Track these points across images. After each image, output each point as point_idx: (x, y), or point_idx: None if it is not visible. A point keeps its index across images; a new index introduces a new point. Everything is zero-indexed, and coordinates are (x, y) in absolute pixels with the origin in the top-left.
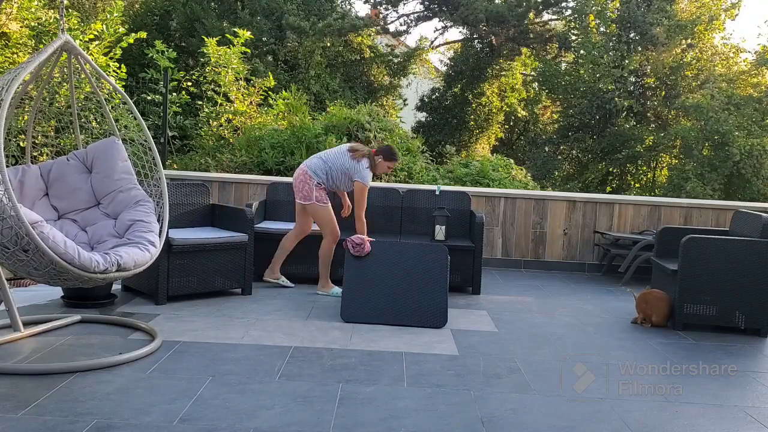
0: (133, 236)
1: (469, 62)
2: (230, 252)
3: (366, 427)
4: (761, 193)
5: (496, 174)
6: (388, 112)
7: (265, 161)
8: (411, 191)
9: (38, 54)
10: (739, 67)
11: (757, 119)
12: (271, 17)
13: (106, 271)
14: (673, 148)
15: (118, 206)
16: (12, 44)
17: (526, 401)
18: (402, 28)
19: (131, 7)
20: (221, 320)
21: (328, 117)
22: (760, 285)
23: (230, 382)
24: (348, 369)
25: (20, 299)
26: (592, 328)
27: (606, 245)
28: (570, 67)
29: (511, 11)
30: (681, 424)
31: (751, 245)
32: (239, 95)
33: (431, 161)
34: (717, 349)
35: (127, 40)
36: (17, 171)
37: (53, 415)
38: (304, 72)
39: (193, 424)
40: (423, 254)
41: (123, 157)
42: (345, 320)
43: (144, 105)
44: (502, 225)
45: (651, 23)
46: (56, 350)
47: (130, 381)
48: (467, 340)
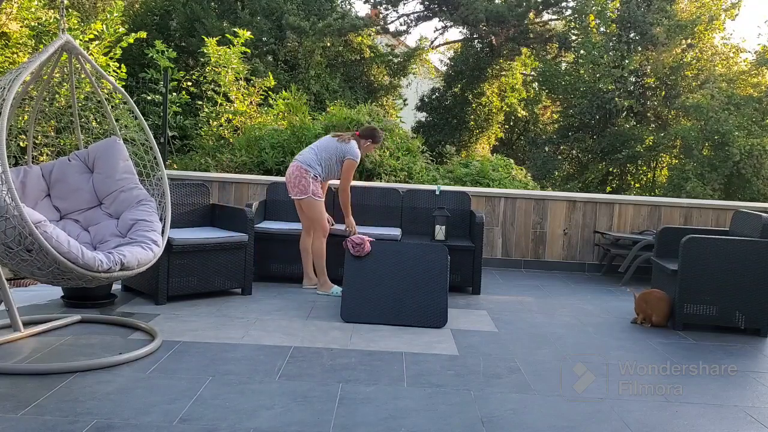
0: (136, 235)
1: (469, 62)
2: (230, 252)
3: (366, 427)
4: (761, 193)
5: (496, 174)
6: (388, 112)
7: (265, 161)
8: (411, 191)
9: (39, 54)
10: (739, 67)
11: (757, 119)
12: (271, 17)
13: (110, 270)
14: (673, 148)
15: (120, 206)
16: (12, 44)
17: (526, 401)
18: (402, 28)
19: (131, 7)
20: (221, 320)
21: (328, 117)
22: (760, 285)
23: (230, 382)
24: (348, 369)
25: (20, 299)
26: (592, 328)
27: (606, 245)
28: (570, 67)
29: (511, 11)
30: (681, 424)
31: (751, 245)
32: (239, 95)
33: (431, 161)
34: (717, 349)
35: (127, 40)
36: (19, 172)
37: (53, 415)
38: (304, 72)
39: (193, 424)
40: (423, 254)
41: (124, 157)
42: (345, 320)
43: (144, 105)
44: (502, 225)
45: (651, 23)
46: (56, 350)
47: (130, 381)
48: (467, 340)
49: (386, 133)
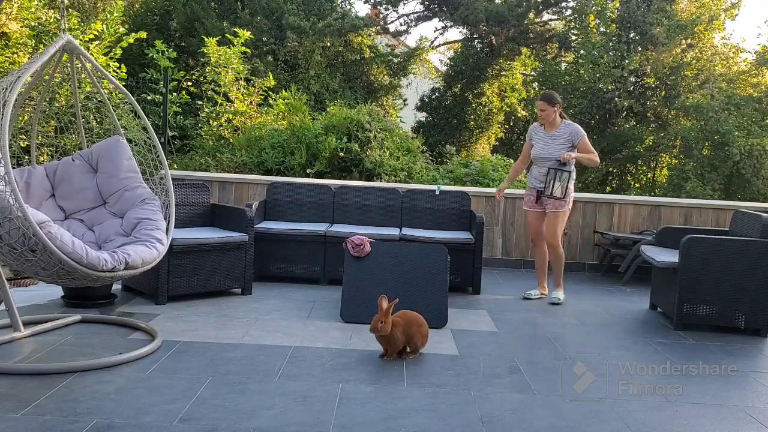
0: (140, 234)
1: (469, 62)
2: (230, 252)
3: (366, 427)
4: (761, 193)
5: (496, 174)
6: (388, 112)
7: (265, 161)
8: (411, 191)
9: (40, 55)
10: (739, 67)
11: (757, 119)
12: (271, 17)
13: (114, 269)
14: (673, 148)
15: (124, 205)
16: (12, 44)
17: (526, 401)
18: (402, 28)
19: (131, 7)
20: (221, 320)
21: (328, 117)
22: (760, 285)
23: (230, 382)
24: (348, 369)
25: (20, 299)
26: (592, 328)
27: (606, 245)
28: (570, 67)
29: (511, 11)
30: (681, 424)
31: (751, 245)
32: (239, 95)
33: (431, 161)
34: (717, 349)
35: (127, 39)
36: (23, 172)
37: (53, 415)
38: (304, 72)
39: (193, 424)
40: (423, 255)
41: (127, 156)
42: (345, 320)
43: (144, 105)
44: (502, 225)
45: (651, 23)
46: (56, 350)
47: (130, 381)
48: (467, 340)
49: (386, 133)
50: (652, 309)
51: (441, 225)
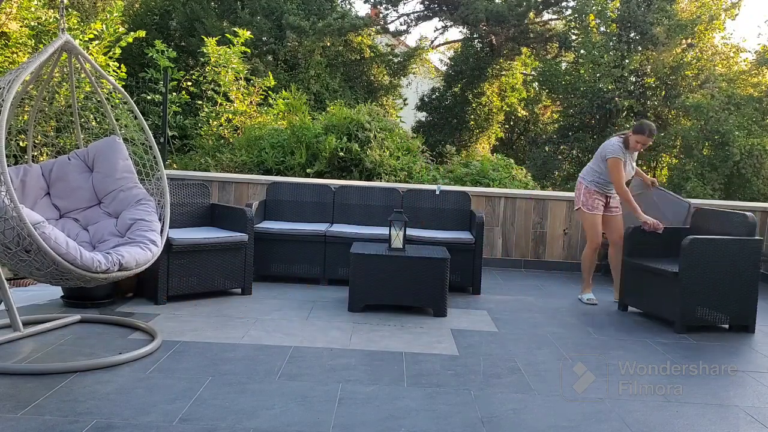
0: (135, 235)
1: (469, 62)
2: (230, 252)
3: (366, 427)
4: (761, 192)
5: (496, 174)
6: (388, 112)
7: (265, 161)
8: (411, 191)
9: (39, 54)
10: (739, 67)
11: (757, 119)
12: (271, 17)
13: (108, 270)
14: (674, 148)
15: (119, 205)
16: (12, 44)
17: (526, 401)
18: (402, 27)
19: (131, 7)
20: (221, 320)
21: (328, 117)
22: (744, 282)
23: (230, 382)
24: (348, 369)
25: (20, 299)
26: (592, 328)
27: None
28: (570, 67)
29: (511, 11)
30: (681, 424)
31: (746, 244)
32: (239, 95)
33: (431, 161)
34: (717, 349)
35: (127, 39)
36: (19, 170)
37: (53, 415)
38: (304, 72)
39: (193, 424)
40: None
41: (124, 156)
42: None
43: (144, 105)
44: (502, 225)
45: (651, 23)
46: (56, 350)
47: (130, 381)
48: (467, 340)
49: (386, 132)
50: (623, 309)
51: (441, 225)
